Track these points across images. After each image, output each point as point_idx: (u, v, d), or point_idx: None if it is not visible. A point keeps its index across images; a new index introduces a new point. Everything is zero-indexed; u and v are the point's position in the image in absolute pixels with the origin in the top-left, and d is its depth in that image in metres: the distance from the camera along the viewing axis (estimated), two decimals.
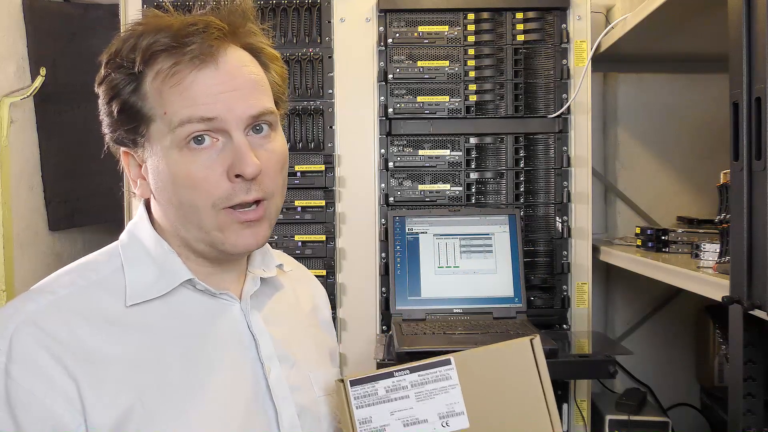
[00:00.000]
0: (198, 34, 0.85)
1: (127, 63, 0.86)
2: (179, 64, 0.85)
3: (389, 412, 0.93)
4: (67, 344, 0.82)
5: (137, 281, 0.90)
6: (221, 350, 0.91)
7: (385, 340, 1.79)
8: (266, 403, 0.92)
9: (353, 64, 1.95)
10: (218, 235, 0.88)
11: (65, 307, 0.85)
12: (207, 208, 0.87)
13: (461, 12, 1.94)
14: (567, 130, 1.95)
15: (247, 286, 0.97)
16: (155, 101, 0.86)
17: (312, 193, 1.94)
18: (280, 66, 0.95)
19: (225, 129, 0.86)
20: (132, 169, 0.93)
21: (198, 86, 0.85)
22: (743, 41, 1.12)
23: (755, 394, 1.19)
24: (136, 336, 0.87)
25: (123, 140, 0.90)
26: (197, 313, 0.92)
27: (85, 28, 2.21)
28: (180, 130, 0.85)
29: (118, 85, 0.87)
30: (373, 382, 0.93)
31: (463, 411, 0.93)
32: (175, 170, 0.86)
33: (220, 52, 0.86)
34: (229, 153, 0.86)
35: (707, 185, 1.95)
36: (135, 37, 0.86)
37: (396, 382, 0.93)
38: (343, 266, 1.94)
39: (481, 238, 1.88)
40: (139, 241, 0.94)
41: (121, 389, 0.83)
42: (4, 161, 1.94)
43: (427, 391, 0.93)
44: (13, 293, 1.91)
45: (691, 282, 1.42)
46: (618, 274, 2.28)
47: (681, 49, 2.02)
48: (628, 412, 1.91)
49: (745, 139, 1.13)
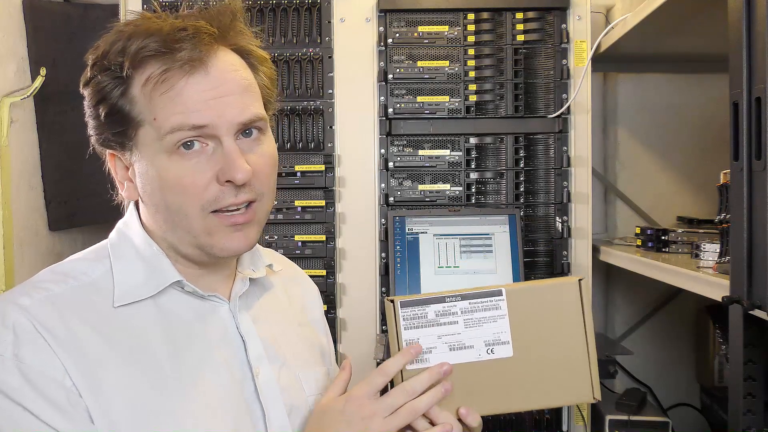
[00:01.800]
0: (188, 39, 0.84)
1: (115, 66, 0.85)
2: (170, 70, 0.84)
3: (437, 336, 0.95)
4: (62, 338, 0.83)
5: (126, 282, 0.90)
6: (210, 352, 0.91)
7: (385, 340, 1.79)
8: (254, 404, 0.92)
9: (353, 64, 1.95)
10: (207, 239, 0.88)
11: (59, 303, 0.85)
12: (195, 211, 0.86)
13: (461, 12, 1.94)
14: (567, 130, 1.95)
15: (236, 287, 0.97)
16: (144, 106, 0.85)
17: (312, 193, 1.94)
18: (269, 68, 0.95)
19: (215, 135, 0.85)
20: (119, 171, 0.93)
21: (188, 92, 0.84)
22: (743, 41, 1.12)
23: (755, 394, 1.19)
24: (125, 336, 0.87)
25: (110, 143, 0.90)
26: (186, 315, 0.92)
27: (85, 28, 2.21)
28: (170, 137, 0.84)
29: (105, 88, 0.86)
30: (424, 306, 0.95)
31: (509, 341, 0.95)
32: (164, 174, 0.86)
33: (210, 57, 0.86)
34: (219, 158, 0.86)
35: (707, 185, 1.95)
36: (123, 39, 0.85)
37: (446, 307, 0.96)
38: (343, 266, 1.94)
39: (481, 238, 1.88)
40: (128, 240, 0.94)
41: (109, 388, 0.83)
42: (4, 161, 1.94)
43: (476, 319, 0.96)
44: None
45: (691, 282, 1.42)
46: (618, 274, 2.28)
47: (681, 49, 2.02)
48: (628, 412, 1.91)
49: (745, 139, 1.13)
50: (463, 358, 0.95)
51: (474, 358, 0.95)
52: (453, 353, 0.95)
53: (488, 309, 0.96)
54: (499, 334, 0.95)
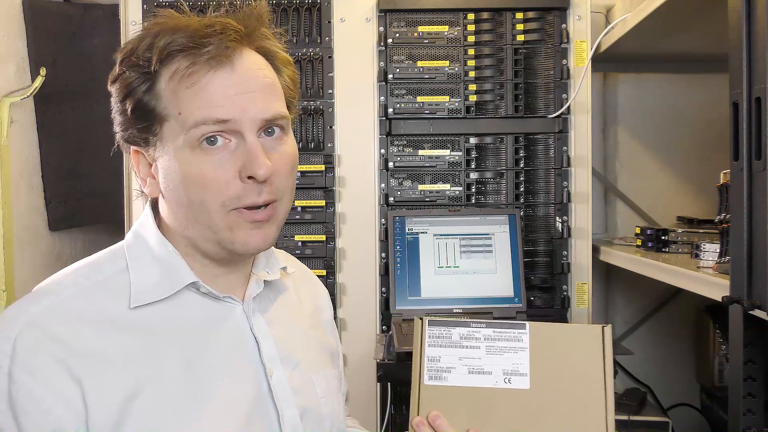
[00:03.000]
0: (215, 35, 0.85)
1: (143, 62, 0.86)
2: (196, 64, 0.85)
3: (458, 357, 0.99)
4: (71, 346, 0.83)
5: (141, 283, 0.90)
6: (224, 353, 0.92)
7: (385, 340, 1.79)
8: (268, 405, 0.93)
9: (353, 64, 1.95)
10: (228, 234, 0.89)
11: (68, 308, 0.85)
12: (217, 207, 0.87)
13: (461, 12, 1.94)
14: (567, 130, 1.95)
15: (250, 289, 0.98)
16: (169, 101, 0.86)
17: (312, 193, 1.94)
18: (292, 70, 0.96)
19: (238, 130, 0.86)
20: (142, 167, 0.93)
21: (213, 87, 0.85)
22: (743, 41, 1.12)
23: (755, 394, 1.19)
24: (138, 338, 0.87)
25: (134, 139, 0.90)
26: (200, 316, 0.92)
27: (85, 28, 2.21)
28: (194, 131, 0.85)
29: (132, 84, 0.87)
30: (450, 327, 1.00)
31: (527, 373, 0.98)
32: (187, 169, 0.86)
33: (236, 54, 0.87)
34: (241, 154, 0.87)
35: (707, 185, 1.95)
36: (151, 36, 0.86)
37: (471, 332, 1.00)
38: (343, 266, 1.94)
39: (481, 238, 1.88)
40: (144, 242, 0.94)
41: (124, 390, 0.83)
42: (4, 161, 1.94)
43: (497, 347, 0.99)
44: (13, 293, 1.91)
45: (691, 282, 1.42)
46: (618, 274, 2.28)
47: (681, 49, 2.02)
48: (628, 412, 1.91)
49: (745, 139, 1.13)
50: (480, 383, 0.98)
51: (491, 384, 0.98)
52: (471, 376, 0.98)
53: (510, 339, 0.99)
54: (518, 366, 0.98)
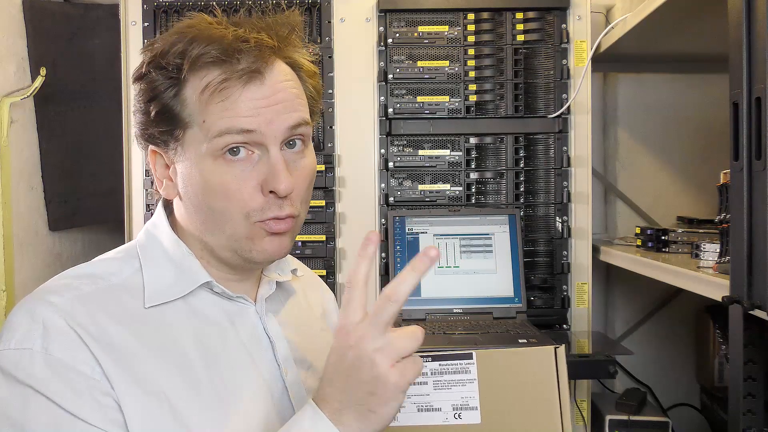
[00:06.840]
0: (249, 51, 0.85)
1: (172, 67, 0.86)
2: (229, 80, 0.85)
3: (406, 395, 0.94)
4: (94, 334, 0.83)
5: (156, 282, 0.90)
6: (240, 352, 0.92)
7: None
8: (285, 404, 0.93)
9: (353, 64, 1.95)
10: (247, 243, 0.89)
11: (90, 301, 0.85)
12: (240, 217, 0.87)
13: (461, 12, 1.94)
14: (567, 130, 1.95)
15: (262, 290, 0.98)
16: (195, 109, 0.86)
17: (312, 193, 1.93)
18: (317, 81, 0.97)
19: (262, 142, 0.86)
20: (158, 168, 0.93)
21: (242, 100, 0.86)
22: (743, 41, 1.12)
23: (755, 394, 1.19)
24: (158, 334, 0.87)
25: (154, 139, 0.90)
26: (216, 315, 0.93)
27: (85, 28, 2.21)
28: (218, 140, 0.85)
29: (159, 87, 0.87)
30: None
31: (477, 406, 0.94)
32: (209, 178, 0.86)
33: (267, 69, 0.87)
34: (263, 167, 0.87)
35: (707, 185, 1.95)
36: (184, 42, 0.86)
37: None
38: (343, 266, 1.94)
39: (481, 238, 1.88)
40: (157, 241, 0.94)
41: (147, 382, 0.83)
42: (4, 161, 1.94)
43: (444, 381, 0.94)
44: (13, 293, 1.91)
45: (691, 282, 1.42)
46: (618, 274, 2.28)
47: (681, 49, 2.02)
48: (628, 412, 1.91)
49: (745, 139, 1.13)
50: (429, 421, 0.93)
51: (441, 421, 0.93)
52: (420, 414, 0.93)
53: (458, 372, 0.94)
54: (467, 399, 0.94)
